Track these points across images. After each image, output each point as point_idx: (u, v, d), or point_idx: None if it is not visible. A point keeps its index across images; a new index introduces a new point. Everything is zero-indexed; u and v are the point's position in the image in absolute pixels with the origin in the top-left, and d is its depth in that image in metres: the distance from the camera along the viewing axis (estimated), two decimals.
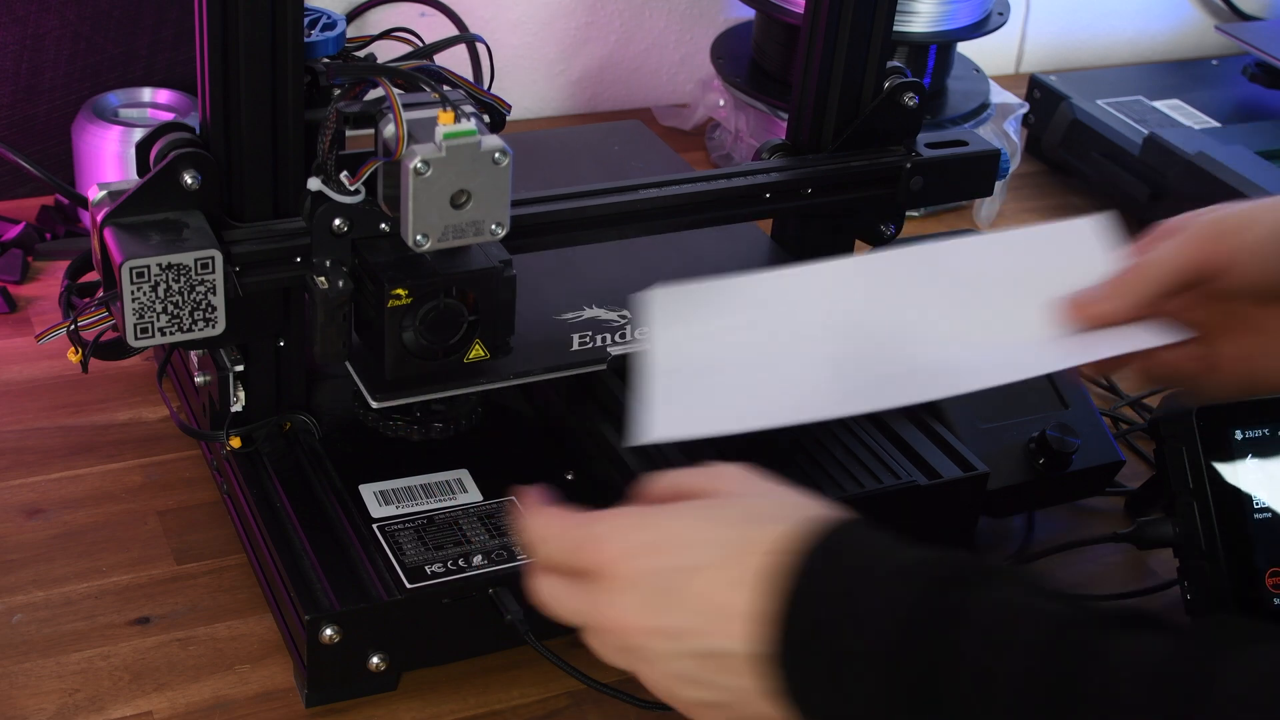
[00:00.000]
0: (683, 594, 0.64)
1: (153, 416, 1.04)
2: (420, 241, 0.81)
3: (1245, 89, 1.50)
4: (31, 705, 0.83)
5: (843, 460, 0.95)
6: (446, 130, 0.79)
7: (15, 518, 0.95)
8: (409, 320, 0.83)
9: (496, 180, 0.81)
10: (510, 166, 0.81)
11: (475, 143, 0.80)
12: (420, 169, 0.79)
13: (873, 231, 1.03)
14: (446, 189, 0.80)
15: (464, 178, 0.80)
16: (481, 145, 0.80)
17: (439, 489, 0.91)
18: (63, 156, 1.22)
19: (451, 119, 0.80)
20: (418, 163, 0.79)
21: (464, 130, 0.80)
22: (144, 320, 0.80)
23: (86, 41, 1.21)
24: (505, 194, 0.82)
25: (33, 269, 1.17)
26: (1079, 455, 0.98)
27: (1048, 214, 1.42)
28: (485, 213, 0.82)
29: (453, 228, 0.81)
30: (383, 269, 0.83)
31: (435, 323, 0.84)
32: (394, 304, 0.83)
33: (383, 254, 0.84)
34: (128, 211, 0.82)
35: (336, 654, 0.82)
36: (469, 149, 0.80)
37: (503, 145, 0.81)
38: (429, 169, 0.79)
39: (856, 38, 0.99)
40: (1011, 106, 1.39)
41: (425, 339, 0.84)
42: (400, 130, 0.79)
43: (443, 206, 0.81)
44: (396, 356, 0.84)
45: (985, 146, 1.03)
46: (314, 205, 0.83)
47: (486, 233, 0.82)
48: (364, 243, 0.84)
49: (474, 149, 0.80)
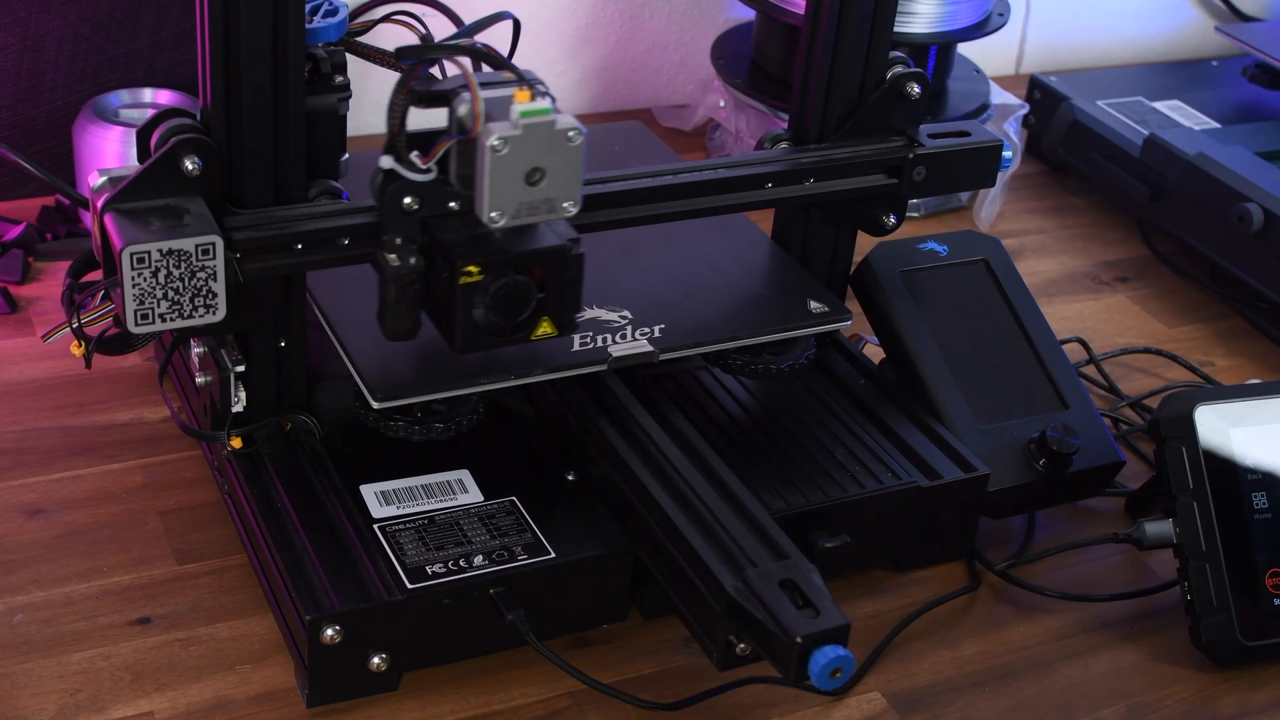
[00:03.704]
0: None
1: (154, 417, 1.04)
2: (494, 218, 0.82)
3: (1245, 90, 1.50)
4: (32, 705, 0.83)
5: (844, 461, 0.95)
6: (523, 108, 0.80)
7: (16, 518, 0.95)
8: (479, 297, 0.84)
9: (570, 158, 0.82)
10: (584, 145, 0.82)
11: (550, 121, 0.81)
12: (497, 146, 0.80)
13: (874, 222, 1.03)
14: (522, 166, 0.81)
15: (539, 155, 0.81)
16: (556, 123, 0.81)
17: (440, 489, 0.91)
18: (64, 157, 1.22)
19: (528, 97, 0.81)
20: (494, 140, 0.80)
21: (540, 109, 0.81)
22: (145, 306, 0.80)
23: (87, 42, 1.22)
24: (578, 172, 0.83)
25: (34, 269, 1.17)
26: (1079, 456, 0.98)
27: (1048, 214, 1.43)
28: (558, 190, 0.82)
29: (526, 205, 0.82)
30: (454, 246, 0.83)
31: (504, 300, 0.84)
32: (465, 281, 0.83)
33: (452, 231, 0.84)
34: (128, 197, 0.82)
35: (337, 654, 0.82)
36: (544, 127, 0.81)
37: (576, 124, 0.82)
38: (505, 146, 0.80)
39: (857, 37, 0.99)
40: (1012, 107, 1.39)
41: (494, 316, 0.84)
42: (478, 108, 0.80)
43: (517, 184, 0.81)
44: (466, 333, 0.85)
45: (988, 137, 1.03)
46: (385, 183, 0.83)
47: (559, 210, 0.83)
48: (433, 220, 0.85)
49: (549, 127, 0.81)
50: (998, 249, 1.09)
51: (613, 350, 0.93)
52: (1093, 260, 1.36)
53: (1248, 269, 1.25)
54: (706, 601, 0.82)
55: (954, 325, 1.04)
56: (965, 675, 0.91)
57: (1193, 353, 1.23)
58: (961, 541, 0.98)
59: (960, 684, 0.91)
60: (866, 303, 1.06)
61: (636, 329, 0.95)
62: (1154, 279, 1.34)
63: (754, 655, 0.81)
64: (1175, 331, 1.27)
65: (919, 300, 1.04)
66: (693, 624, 0.84)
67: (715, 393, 1.01)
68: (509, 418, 0.97)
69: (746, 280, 1.02)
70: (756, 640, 0.79)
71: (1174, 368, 1.21)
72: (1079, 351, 1.19)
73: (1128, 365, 1.21)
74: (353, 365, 0.90)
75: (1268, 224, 1.22)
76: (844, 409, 1.00)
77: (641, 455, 0.90)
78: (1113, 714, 0.89)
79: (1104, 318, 1.28)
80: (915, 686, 0.90)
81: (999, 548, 1.01)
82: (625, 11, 1.50)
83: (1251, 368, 1.23)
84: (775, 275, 1.04)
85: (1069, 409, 1.01)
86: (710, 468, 0.89)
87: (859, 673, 0.90)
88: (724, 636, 0.81)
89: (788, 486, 0.93)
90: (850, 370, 1.04)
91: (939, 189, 1.03)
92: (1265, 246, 1.23)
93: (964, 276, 1.07)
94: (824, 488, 0.93)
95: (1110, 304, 1.30)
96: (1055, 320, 1.23)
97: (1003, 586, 0.98)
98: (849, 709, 0.88)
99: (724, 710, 0.87)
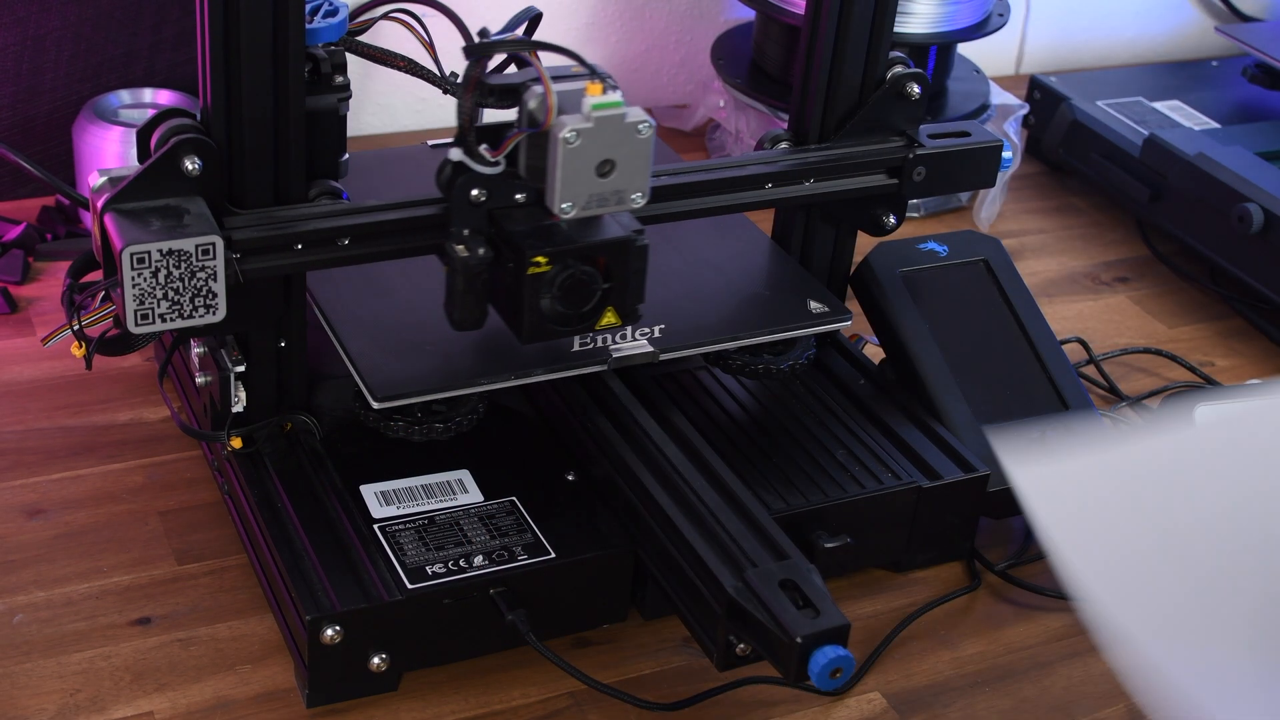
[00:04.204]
0: None
1: (154, 417, 1.04)
2: (565, 209, 0.83)
3: (1245, 90, 1.50)
4: (33, 705, 0.83)
5: (844, 461, 0.95)
6: (595, 101, 0.82)
7: (16, 518, 0.95)
8: (546, 287, 0.85)
9: (639, 150, 0.83)
10: (653, 137, 0.84)
11: (621, 114, 0.82)
12: (570, 139, 0.81)
13: (874, 222, 1.03)
14: (593, 158, 0.83)
15: (609, 147, 0.83)
16: (627, 116, 0.82)
17: (440, 489, 0.91)
18: (63, 157, 1.22)
19: (600, 90, 0.82)
20: (567, 132, 0.81)
21: (611, 101, 0.82)
22: (144, 306, 0.80)
23: (87, 42, 1.22)
24: (647, 164, 0.84)
25: (34, 269, 1.17)
26: None
27: (1048, 214, 1.43)
28: (627, 182, 0.84)
29: (596, 196, 0.84)
30: (522, 237, 0.84)
31: (571, 290, 0.85)
32: (534, 271, 0.84)
33: (519, 223, 0.85)
34: (128, 197, 0.82)
35: (337, 654, 0.82)
36: (615, 119, 0.82)
37: (646, 117, 0.83)
38: (578, 139, 0.82)
39: (857, 37, 0.99)
40: (1011, 107, 1.39)
41: (560, 306, 0.85)
42: (550, 101, 0.81)
43: (588, 176, 0.83)
44: (533, 323, 0.86)
45: (988, 138, 1.03)
46: (453, 175, 0.84)
47: (627, 201, 0.85)
48: (500, 212, 0.86)
49: (620, 120, 0.82)
50: (998, 249, 1.09)
51: (613, 350, 0.93)
52: (1093, 260, 1.36)
53: (1248, 269, 1.25)
54: (706, 601, 0.82)
55: (954, 325, 1.04)
56: (965, 675, 0.91)
57: (1193, 353, 1.23)
58: (961, 541, 0.99)
59: (960, 684, 0.91)
60: (866, 303, 1.06)
61: (636, 329, 0.95)
62: (1154, 279, 1.34)
63: (754, 655, 0.81)
64: (1175, 332, 1.27)
65: (919, 300, 1.04)
66: (693, 624, 0.84)
67: (715, 393, 1.01)
68: (509, 418, 0.97)
69: (746, 280, 1.02)
70: (756, 640, 0.79)
71: (1174, 368, 1.21)
72: (1079, 352, 1.19)
73: (1128, 365, 1.21)
74: (353, 365, 0.90)
75: (1268, 224, 1.22)
76: (844, 409, 1.00)
77: (641, 455, 0.90)
78: (1113, 714, 0.89)
79: (1104, 318, 1.28)
80: (915, 686, 0.90)
81: (999, 548, 1.01)
82: (625, 11, 1.50)
83: (1251, 368, 1.23)
84: (775, 275, 1.04)
85: (1069, 409, 1.01)
86: (710, 468, 0.89)
87: (859, 673, 0.90)
88: (724, 636, 0.81)
89: (788, 486, 0.93)
90: (850, 370, 1.04)
91: (939, 189, 1.04)
92: (1265, 246, 1.23)
93: (964, 277, 1.07)
94: (824, 488, 0.93)
95: (1110, 304, 1.30)
96: (1055, 320, 1.23)
97: (1003, 586, 0.98)
98: (849, 709, 0.88)
99: (724, 710, 0.87)
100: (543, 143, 0.83)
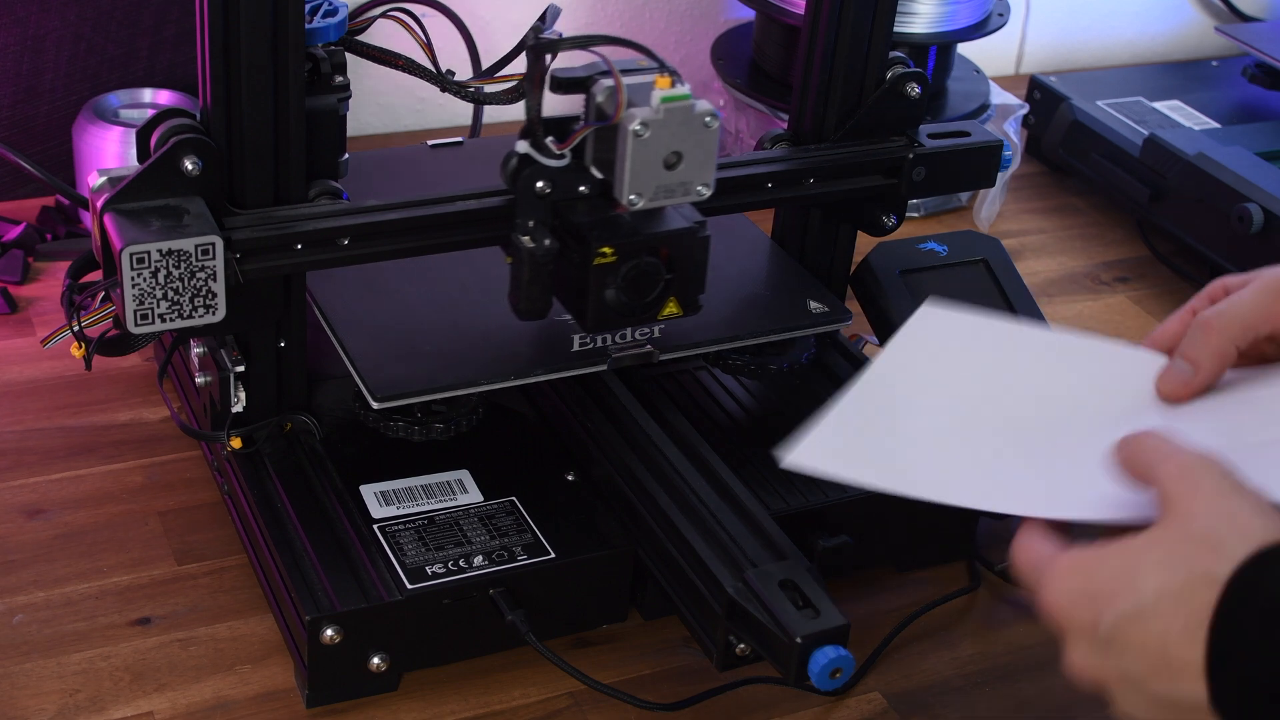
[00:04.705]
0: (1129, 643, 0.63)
1: (153, 417, 1.04)
2: (633, 200, 0.84)
3: (1245, 90, 1.50)
4: (32, 705, 0.83)
5: None
6: (664, 94, 0.83)
7: (16, 518, 0.95)
8: (612, 278, 0.85)
9: (706, 142, 0.84)
10: (719, 130, 0.85)
11: (689, 106, 0.83)
12: (639, 131, 0.82)
13: (874, 222, 1.03)
14: (661, 150, 0.84)
15: (678, 140, 0.84)
16: (695, 108, 0.83)
17: (439, 489, 0.91)
18: (63, 157, 1.22)
19: (669, 84, 0.83)
20: (637, 125, 0.82)
21: (680, 94, 0.83)
22: (144, 306, 0.80)
23: (87, 42, 1.22)
24: (713, 156, 0.85)
25: (33, 269, 1.17)
26: None
27: (1048, 214, 1.43)
28: (693, 174, 0.85)
29: (663, 188, 0.85)
30: (588, 228, 0.85)
31: (636, 280, 0.86)
32: (600, 262, 0.85)
33: (582, 214, 0.86)
34: (128, 197, 0.82)
35: (337, 654, 0.82)
36: (684, 111, 0.83)
37: (713, 109, 0.84)
38: (647, 131, 0.82)
39: (857, 37, 0.99)
40: (1011, 107, 1.39)
41: (625, 296, 0.86)
42: (620, 95, 0.83)
43: (656, 167, 0.84)
44: (598, 312, 0.86)
45: (987, 138, 1.03)
46: (519, 167, 0.85)
47: (693, 193, 0.86)
48: (564, 204, 0.86)
49: (688, 111, 0.83)
50: (998, 249, 1.09)
51: (612, 350, 0.93)
52: (1093, 260, 1.36)
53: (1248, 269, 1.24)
54: (706, 601, 0.82)
55: None
56: (965, 675, 0.91)
57: None
58: (961, 541, 0.98)
59: (960, 684, 0.91)
60: (866, 303, 1.06)
61: (636, 329, 0.95)
62: (1154, 279, 1.34)
63: (754, 655, 0.81)
64: None
65: (919, 300, 1.04)
66: (693, 624, 0.84)
67: (715, 393, 1.01)
68: (508, 417, 0.97)
69: (746, 280, 1.02)
70: (756, 640, 0.79)
71: None
72: None
73: None
74: (352, 365, 0.90)
75: (1268, 224, 1.22)
76: None
77: (641, 455, 0.90)
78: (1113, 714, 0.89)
79: (1104, 318, 1.28)
80: (915, 686, 0.90)
81: (999, 548, 1.00)
82: (625, 12, 1.50)
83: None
84: (775, 275, 1.04)
85: None
86: (710, 468, 0.89)
87: (859, 673, 0.90)
88: (724, 636, 0.81)
89: (788, 486, 0.93)
90: (850, 370, 1.04)
91: (939, 189, 1.03)
92: (1265, 246, 1.23)
93: (964, 276, 1.07)
94: (824, 488, 0.93)
95: (1110, 304, 1.30)
96: (1055, 320, 1.23)
97: (1003, 586, 0.98)
98: (849, 709, 0.88)
99: (724, 710, 0.87)
100: (611, 135, 0.84)
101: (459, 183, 0.90)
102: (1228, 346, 0.75)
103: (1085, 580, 0.64)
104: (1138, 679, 0.63)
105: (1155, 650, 0.62)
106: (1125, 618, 0.63)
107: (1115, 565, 0.64)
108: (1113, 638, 0.63)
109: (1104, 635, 0.63)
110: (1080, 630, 0.65)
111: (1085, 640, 0.64)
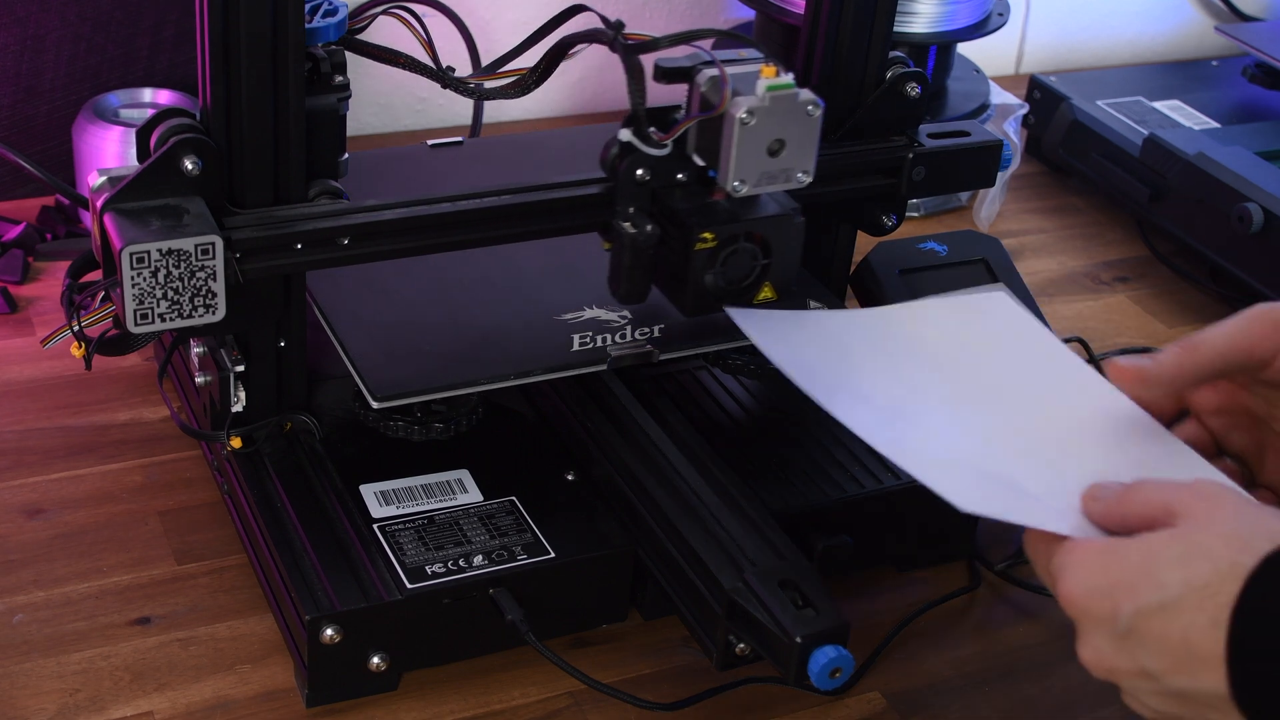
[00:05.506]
0: (1149, 636, 0.63)
1: (153, 417, 1.04)
2: (737, 187, 0.86)
3: (1245, 90, 1.50)
4: (32, 705, 0.83)
5: (843, 461, 0.95)
6: (769, 83, 0.85)
7: (16, 518, 0.95)
8: (710, 262, 0.87)
9: (809, 130, 0.87)
10: (821, 118, 0.87)
11: (794, 94, 0.86)
12: (745, 119, 0.85)
13: (874, 222, 1.03)
14: (766, 137, 0.86)
15: (781, 127, 0.86)
16: (799, 96, 0.86)
17: (439, 489, 0.91)
18: (63, 157, 1.22)
19: (774, 73, 0.86)
20: (743, 113, 0.84)
21: (784, 83, 0.86)
22: (144, 306, 0.80)
23: (87, 42, 1.22)
24: (814, 143, 0.88)
25: (33, 269, 1.17)
26: None
27: (1048, 214, 1.43)
28: (795, 161, 0.87)
29: (766, 174, 0.87)
30: (688, 214, 0.87)
31: (733, 265, 0.88)
32: (700, 247, 0.87)
33: (680, 201, 0.88)
34: (128, 197, 0.82)
35: (337, 654, 0.82)
36: (788, 99, 0.86)
37: (815, 98, 0.86)
38: (753, 119, 0.85)
39: (857, 37, 0.99)
40: (1011, 107, 1.39)
41: (722, 281, 0.88)
42: (725, 84, 0.85)
43: (760, 154, 0.86)
44: (697, 296, 0.88)
45: (987, 137, 1.03)
46: (620, 155, 0.87)
47: (794, 180, 0.88)
48: (663, 191, 0.89)
49: (792, 100, 0.86)
50: (998, 249, 1.09)
51: (612, 350, 0.93)
52: (1093, 260, 1.36)
53: (1248, 269, 1.25)
54: (706, 601, 0.82)
55: None
56: (965, 675, 0.91)
57: None
58: (961, 541, 0.98)
59: (960, 684, 0.91)
60: (866, 303, 1.06)
61: (636, 329, 0.95)
62: (1154, 279, 1.34)
63: (754, 655, 0.81)
64: (1175, 332, 1.27)
65: None
66: (693, 624, 0.84)
67: (715, 393, 1.01)
68: (508, 417, 0.97)
69: None
70: (756, 640, 0.79)
71: None
72: (1079, 351, 1.19)
73: None
74: (352, 365, 0.90)
75: (1268, 224, 1.22)
76: None
77: (641, 455, 0.90)
78: (1113, 714, 0.89)
79: (1104, 318, 1.28)
80: (915, 686, 0.90)
81: (999, 548, 1.01)
82: (625, 12, 1.50)
83: None
84: None
85: None
86: (710, 468, 0.89)
87: (859, 673, 0.90)
88: (724, 636, 0.81)
89: (788, 486, 0.93)
90: None
91: (939, 189, 1.03)
92: (1265, 246, 1.23)
93: (964, 276, 1.07)
94: (824, 488, 0.93)
95: (1110, 304, 1.30)
96: (1055, 320, 1.23)
97: (1003, 586, 0.98)
98: (849, 709, 0.88)
99: (724, 710, 0.87)
100: (716, 123, 0.86)
101: (459, 182, 0.90)
102: (1198, 358, 0.75)
103: (1103, 572, 0.65)
104: (1155, 672, 0.63)
105: (1177, 643, 0.62)
106: (1146, 610, 0.63)
107: (1135, 559, 0.64)
108: (1132, 629, 0.63)
109: (1123, 627, 0.64)
110: (1097, 621, 0.65)
111: (1102, 632, 0.65)
